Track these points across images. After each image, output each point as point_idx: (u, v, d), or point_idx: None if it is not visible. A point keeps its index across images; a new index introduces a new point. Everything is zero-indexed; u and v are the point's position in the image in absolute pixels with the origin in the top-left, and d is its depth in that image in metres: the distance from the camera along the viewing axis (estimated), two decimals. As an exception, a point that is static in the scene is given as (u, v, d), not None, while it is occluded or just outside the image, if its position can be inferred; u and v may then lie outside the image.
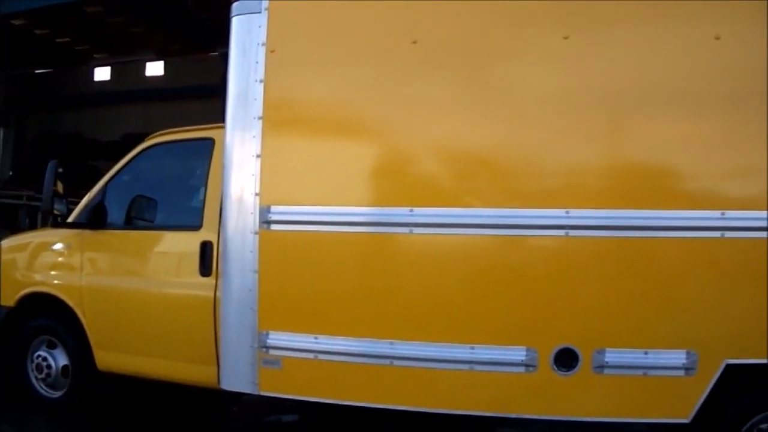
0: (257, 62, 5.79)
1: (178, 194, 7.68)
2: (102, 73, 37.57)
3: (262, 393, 5.83)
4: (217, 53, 32.18)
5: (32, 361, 7.58)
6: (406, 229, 5.51)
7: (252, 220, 5.73)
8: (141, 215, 7.11)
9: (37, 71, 35.66)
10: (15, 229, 22.04)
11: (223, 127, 6.23)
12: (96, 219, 7.20)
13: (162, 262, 7.19)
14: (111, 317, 7.15)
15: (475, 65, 5.58)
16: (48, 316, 7.59)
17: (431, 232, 5.51)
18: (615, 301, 5.27)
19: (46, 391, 7.58)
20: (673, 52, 5.19)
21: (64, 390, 7.47)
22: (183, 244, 6.88)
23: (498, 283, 5.46)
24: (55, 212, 7.19)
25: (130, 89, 35.64)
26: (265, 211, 5.70)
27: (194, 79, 33.14)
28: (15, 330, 7.74)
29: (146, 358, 6.98)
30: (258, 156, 5.73)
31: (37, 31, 30.74)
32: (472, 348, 5.36)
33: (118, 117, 35.87)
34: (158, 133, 7.49)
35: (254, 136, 5.75)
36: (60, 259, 7.64)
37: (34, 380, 7.62)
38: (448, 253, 5.56)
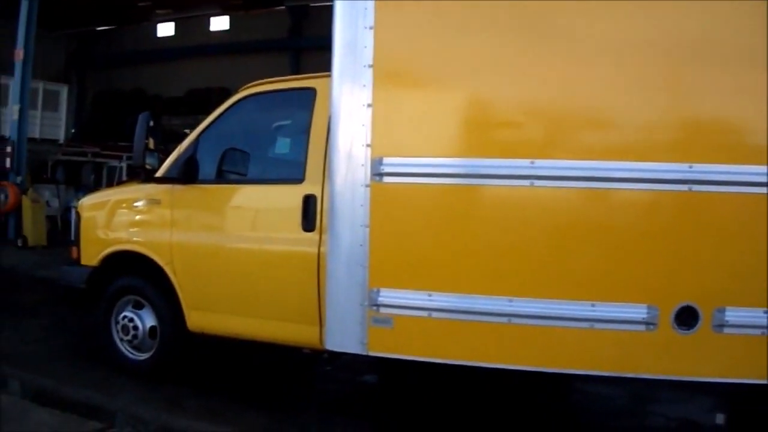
0: (366, 9, 5.49)
1: (276, 146, 7.41)
2: (165, 29, 37.75)
3: (371, 353, 5.60)
4: (283, 7, 32.17)
5: (117, 323, 7.38)
6: (526, 182, 5.21)
7: (363, 173, 5.47)
8: (236, 168, 6.80)
9: (98, 28, 35.67)
10: (79, 186, 22.19)
11: (326, 77, 6.02)
12: (188, 173, 6.90)
13: (261, 217, 6.91)
14: (204, 276, 6.90)
15: (599, 13, 5.24)
16: (134, 275, 7.37)
17: (553, 185, 5.22)
18: (736, 259, 5.03)
19: (131, 353, 7.38)
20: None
21: (151, 352, 7.27)
22: (284, 198, 6.57)
23: (620, 239, 5.19)
24: (147, 167, 6.91)
25: (194, 44, 35.72)
26: (377, 162, 5.44)
27: (259, 34, 33.15)
28: (98, 290, 7.54)
29: (243, 318, 6.76)
30: (369, 105, 5.45)
31: (99, -12, 30.72)
32: (593, 305, 5.13)
33: (181, 72, 36.15)
34: (253, 83, 7.15)
35: (364, 85, 5.47)
36: (148, 215, 7.32)
37: (118, 342, 7.43)
38: (570, 208, 5.28)
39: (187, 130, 30.83)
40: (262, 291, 6.62)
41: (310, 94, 6.61)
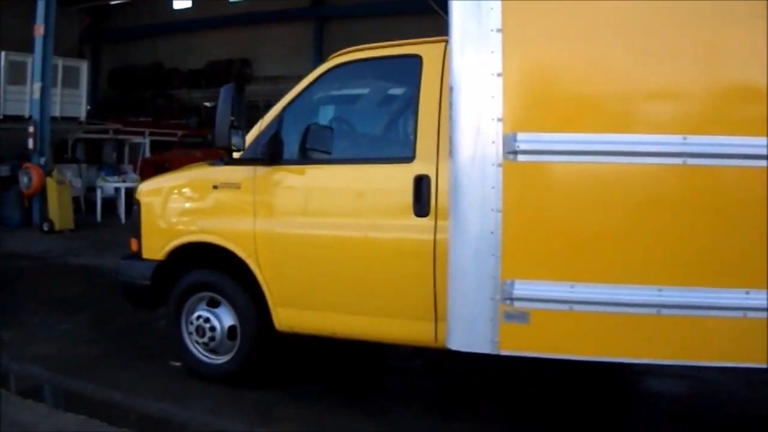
0: (490, -36, 4.86)
1: (376, 121, 6.77)
2: (182, 2, 37.09)
3: (502, 352, 5.00)
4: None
5: (190, 323, 6.66)
6: (678, 160, 4.65)
7: (493, 150, 4.84)
8: (330, 147, 6.01)
9: (112, 2, 35.00)
10: (101, 164, 21.64)
11: (431, 43, 5.83)
12: (273, 153, 6.14)
13: (363, 201, 6.06)
14: (295, 269, 6.17)
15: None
16: (208, 269, 6.64)
17: (708, 164, 4.67)
18: None
19: (206, 356, 6.67)
20: None
21: (231, 354, 6.55)
22: (390, 179, 5.87)
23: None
24: (232, 147, 6.06)
25: (212, 16, 35.27)
26: (510, 139, 4.82)
27: (280, 3, 32.69)
28: (164, 287, 6.83)
29: (341, 315, 6.07)
30: (499, 75, 4.83)
31: (112, -41, 30.07)
32: (747, 293, 4.61)
33: (200, 45, 35.99)
34: (345, 50, 6.32)
35: (493, 52, 4.83)
36: (225, 202, 6.49)
37: (191, 344, 6.71)
38: (727, 188, 4.74)
39: (207, 104, 30.69)
40: (365, 284, 5.92)
41: (414, 62, 5.90)
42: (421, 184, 5.60)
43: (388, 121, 6.79)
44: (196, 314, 6.62)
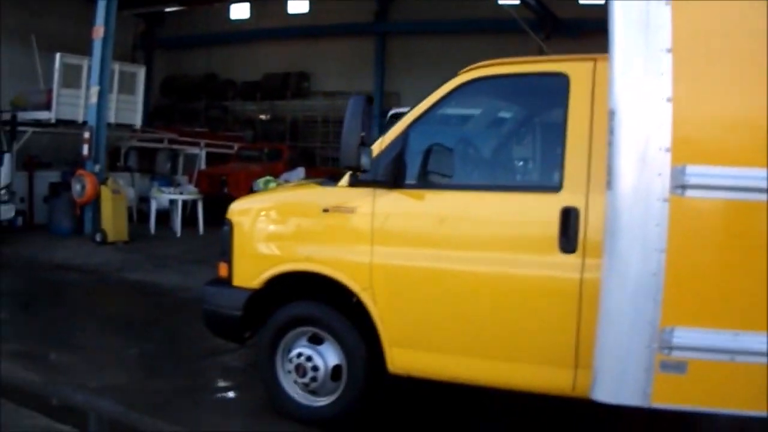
0: (661, -22, 4.42)
1: (516, 145, 6.32)
2: (239, 11, 36.83)
3: (654, 405, 4.57)
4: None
5: (288, 361, 6.05)
6: None
7: (660, 184, 4.39)
8: (463, 171, 5.65)
9: (167, 9, 34.72)
10: (154, 174, 21.27)
11: (579, 60, 5.34)
12: (396, 175, 5.58)
13: (500, 233, 5.52)
14: (418, 305, 5.62)
15: None
16: (312, 301, 6.07)
17: None
18: None
19: (305, 398, 6.06)
20: None
21: (332, 397, 5.96)
22: (533, 210, 5.38)
23: None
24: (361, 167, 5.49)
25: (270, 27, 34.96)
26: (679, 171, 4.36)
27: (341, 17, 32.35)
28: (258, 319, 6.25)
29: (466, 359, 5.52)
30: (669, 100, 4.38)
31: (170, -34, 29.80)
32: None
33: (256, 56, 35.66)
34: (480, 64, 5.73)
35: (662, 74, 4.39)
36: (338, 227, 5.89)
37: (285, 384, 6.11)
38: None
39: (262, 116, 30.28)
40: (497, 325, 5.40)
41: (561, 81, 5.38)
42: (569, 217, 5.11)
43: (530, 146, 6.33)
44: (296, 351, 6.03)
